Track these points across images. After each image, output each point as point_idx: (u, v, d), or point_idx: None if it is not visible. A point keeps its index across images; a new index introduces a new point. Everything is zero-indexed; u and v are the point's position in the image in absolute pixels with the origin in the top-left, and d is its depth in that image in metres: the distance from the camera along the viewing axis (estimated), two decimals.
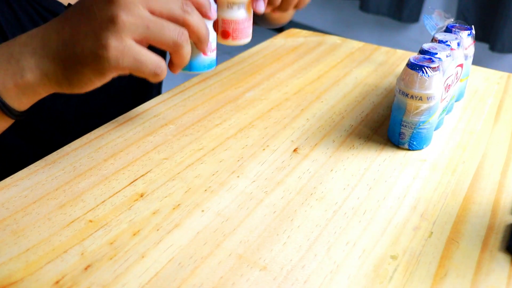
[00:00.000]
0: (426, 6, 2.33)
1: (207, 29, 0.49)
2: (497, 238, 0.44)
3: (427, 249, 0.43)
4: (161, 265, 0.40)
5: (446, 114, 0.63)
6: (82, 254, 0.41)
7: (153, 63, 0.45)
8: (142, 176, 0.51)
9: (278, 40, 0.90)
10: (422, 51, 0.56)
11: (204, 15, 0.49)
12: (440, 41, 0.58)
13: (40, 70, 0.45)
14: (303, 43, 0.88)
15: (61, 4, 0.65)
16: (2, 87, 0.45)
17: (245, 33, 0.60)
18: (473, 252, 0.43)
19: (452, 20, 0.63)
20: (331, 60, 0.81)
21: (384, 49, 0.87)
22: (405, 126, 0.56)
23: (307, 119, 0.63)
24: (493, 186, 0.51)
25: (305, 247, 0.43)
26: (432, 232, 0.45)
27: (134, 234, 0.43)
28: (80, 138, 0.57)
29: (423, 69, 0.52)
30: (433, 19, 0.62)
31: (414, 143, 0.56)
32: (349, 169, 0.53)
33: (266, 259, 0.41)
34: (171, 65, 0.49)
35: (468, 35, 0.62)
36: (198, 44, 0.50)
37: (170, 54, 0.48)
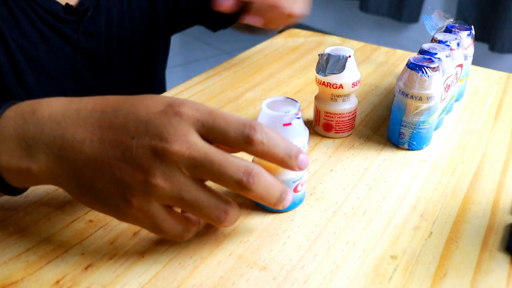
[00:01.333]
0: (426, 6, 2.33)
1: (277, 194, 0.39)
2: (497, 238, 0.44)
3: (427, 249, 0.43)
4: (161, 265, 0.40)
5: (445, 114, 0.63)
6: (82, 254, 0.41)
7: (174, 232, 0.39)
8: None
9: (278, 40, 0.90)
10: (422, 51, 0.56)
11: (287, 167, 0.40)
12: (440, 41, 0.58)
13: (50, 172, 0.39)
14: (303, 43, 0.88)
15: (58, 3, 0.65)
16: (5, 167, 0.39)
17: (349, 125, 0.59)
18: (472, 252, 0.43)
19: (452, 20, 0.63)
20: None
21: (384, 49, 0.87)
22: (405, 126, 0.56)
23: (307, 119, 0.63)
24: (493, 186, 0.51)
25: (305, 247, 0.43)
26: (431, 232, 0.45)
27: (134, 234, 0.43)
28: None
29: (422, 69, 0.52)
30: (433, 19, 0.62)
31: (414, 143, 0.56)
32: (349, 169, 0.53)
33: (266, 259, 0.41)
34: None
35: (468, 35, 0.62)
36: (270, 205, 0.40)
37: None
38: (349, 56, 0.55)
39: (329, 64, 0.55)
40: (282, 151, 0.38)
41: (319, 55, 0.56)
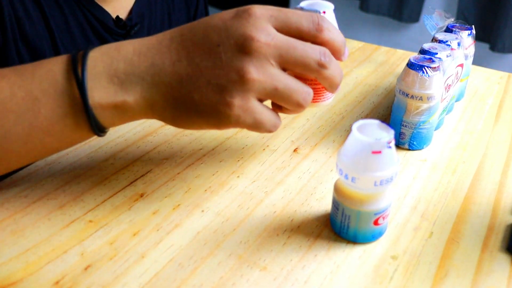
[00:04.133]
0: (426, 6, 2.33)
1: (341, 77, 0.44)
2: (498, 238, 0.44)
3: (427, 249, 0.43)
4: (161, 265, 0.40)
5: (446, 114, 0.63)
6: (82, 254, 0.41)
7: (271, 122, 0.42)
8: (142, 176, 0.51)
9: None
10: (422, 51, 0.56)
11: (338, 58, 0.45)
12: (440, 41, 0.58)
13: (146, 101, 0.41)
14: None
15: (110, 15, 0.67)
16: (98, 104, 0.41)
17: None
18: (473, 252, 0.43)
19: (452, 20, 0.63)
20: None
21: (384, 49, 0.87)
22: (405, 126, 0.55)
23: (307, 119, 0.63)
24: (494, 186, 0.51)
25: (305, 247, 0.43)
26: (432, 232, 0.45)
27: (134, 234, 0.43)
28: None
29: (423, 69, 0.52)
30: (433, 19, 0.62)
31: (414, 143, 0.56)
32: None
33: (266, 259, 0.41)
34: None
35: (468, 35, 0.62)
36: (328, 90, 0.45)
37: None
38: (324, 12, 0.49)
39: None
40: (341, 40, 0.44)
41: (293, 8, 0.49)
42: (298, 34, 0.41)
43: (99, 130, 0.42)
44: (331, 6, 0.50)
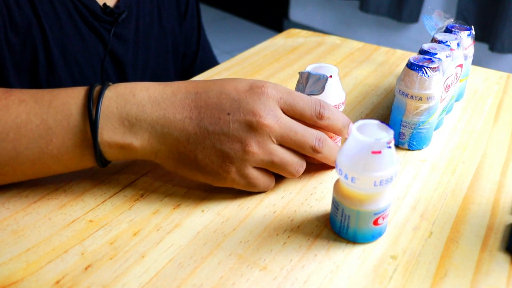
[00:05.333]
0: (426, 6, 2.33)
1: (335, 156, 0.48)
2: (497, 238, 0.44)
3: (427, 249, 0.43)
4: (161, 265, 0.40)
5: (446, 114, 0.63)
6: (82, 254, 0.41)
7: (264, 185, 0.47)
8: (142, 176, 0.51)
9: (278, 40, 0.90)
10: (422, 51, 0.56)
11: (342, 136, 0.50)
12: (440, 41, 0.58)
13: (152, 148, 0.44)
14: (303, 43, 0.88)
15: (97, 3, 0.68)
16: (106, 142, 0.44)
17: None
18: (472, 252, 0.43)
19: (452, 20, 0.63)
20: (331, 60, 0.81)
21: (383, 49, 0.87)
22: (405, 126, 0.56)
23: None
24: (493, 186, 0.51)
25: (305, 247, 0.43)
26: (431, 232, 0.45)
27: (134, 234, 0.43)
28: None
29: (423, 69, 0.52)
30: (433, 19, 0.62)
31: (414, 143, 0.56)
32: None
33: (266, 259, 0.41)
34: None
35: (468, 35, 0.62)
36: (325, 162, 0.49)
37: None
38: (330, 76, 0.51)
39: (309, 84, 0.50)
40: (340, 124, 0.48)
41: (299, 73, 0.51)
42: (301, 118, 0.46)
43: (103, 163, 0.46)
44: (335, 70, 0.53)
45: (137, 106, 0.44)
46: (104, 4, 0.69)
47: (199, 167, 0.44)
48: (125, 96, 0.44)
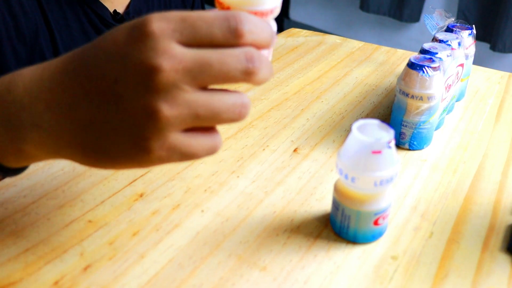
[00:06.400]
0: (427, 6, 2.32)
1: (272, 74, 0.36)
2: (498, 239, 0.44)
3: (428, 250, 0.43)
4: (161, 266, 0.40)
5: (446, 114, 0.63)
6: (81, 254, 0.41)
7: (205, 149, 0.35)
8: (141, 176, 0.51)
9: (278, 40, 0.89)
10: (423, 51, 0.56)
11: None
12: (441, 41, 0.58)
13: (48, 148, 0.36)
14: (303, 43, 0.88)
15: (108, 10, 0.67)
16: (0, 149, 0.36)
17: None
18: (473, 252, 0.43)
19: (453, 19, 0.63)
20: (331, 60, 0.81)
21: (384, 48, 0.87)
22: (406, 126, 0.55)
23: (307, 119, 0.63)
24: (494, 186, 0.51)
25: (305, 247, 0.43)
26: (432, 233, 0.45)
27: (133, 235, 0.43)
28: None
29: (423, 69, 0.52)
30: (434, 18, 0.62)
31: (415, 143, 0.56)
32: None
33: (266, 259, 0.41)
34: None
35: (469, 34, 0.62)
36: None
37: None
38: None
39: None
40: (268, 35, 0.35)
41: None
42: (213, 45, 0.33)
43: (8, 173, 0.38)
44: None
45: (15, 104, 0.35)
46: (115, 10, 0.68)
47: (113, 157, 0.34)
48: (2, 95, 0.36)
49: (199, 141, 0.34)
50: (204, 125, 0.34)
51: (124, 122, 0.33)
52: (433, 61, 0.53)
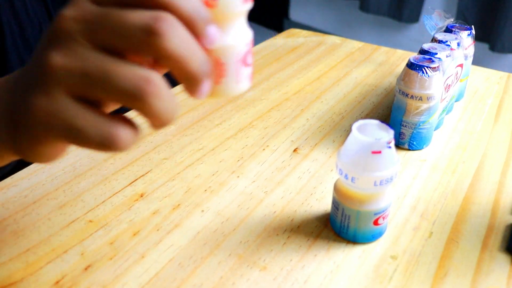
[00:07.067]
0: (426, 6, 2.33)
1: (198, 59, 0.29)
2: (497, 238, 0.44)
3: (427, 249, 0.43)
4: (161, 265, 0.40)
5: (446, 114, 0.63)
6: (82, 254, 0.41)
7: (96, 133, 0.29)
8: (142, 176, 0.51)
9: (278, 40, 0.89)
10: (422, 51, 0.56)
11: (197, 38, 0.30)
12: (440, 41, 0.58)
13: None
14: (303, 43, 0.88)
15: None
16: None
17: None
18: (473, 252, 0.43)
19: (452, 20, 0.63)
20: (331, 60, 0.81)
21: (384, 49, 0.87)
22: (405, 126, 0.56)
23: (307, 119, 0.63)
24: (493, 186, 0.51)
25: (305, 247, 0.43)
26: (432, 232, 0.45)
27: (134, 234, 0.43)
28: None
29: (423, 69, 0.52)
30: (433, 19, 0.62)
31: (414, 143, 0.56)
32: None
33: (266, 259, 0.41)
34: (151, 125, 0.31)
35: (468, 35, 0.62)
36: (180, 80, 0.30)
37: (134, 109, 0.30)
38: None
39: None
40: (191, 5, 0.29)
41: None
42: (126, 4, 0.29)
43: None
44: None
45: None
46: None
47: (18, 128, 0.31)
48: None
49: (87, 115, 0.29)
50: (95, 92, 0.29)
51: (26, 80, 0.30)
52: (433, 61, 0.53)
